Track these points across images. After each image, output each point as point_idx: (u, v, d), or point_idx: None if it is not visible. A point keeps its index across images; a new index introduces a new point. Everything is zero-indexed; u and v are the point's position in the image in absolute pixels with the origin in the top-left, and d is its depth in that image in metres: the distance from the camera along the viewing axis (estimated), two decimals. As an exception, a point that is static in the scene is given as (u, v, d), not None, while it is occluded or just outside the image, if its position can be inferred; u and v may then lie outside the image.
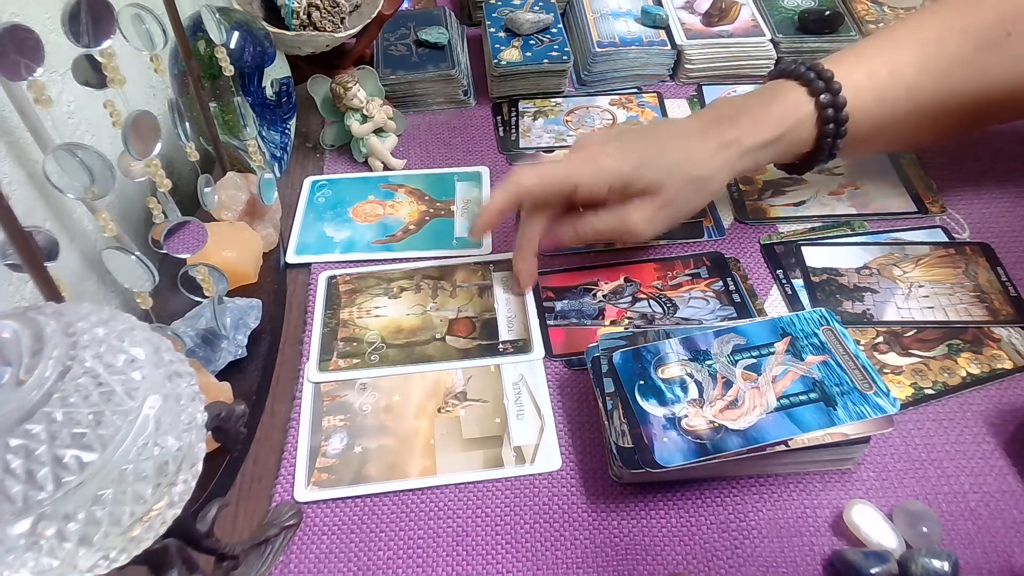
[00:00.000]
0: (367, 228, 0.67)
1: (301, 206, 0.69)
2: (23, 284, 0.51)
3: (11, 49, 0.37)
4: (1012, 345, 0.55)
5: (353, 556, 0.47)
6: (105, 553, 0.28)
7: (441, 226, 0.67)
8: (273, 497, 0.50)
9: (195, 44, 0.62)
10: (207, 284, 0.52)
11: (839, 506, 0.48)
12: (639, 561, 0.46)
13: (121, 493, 0.28)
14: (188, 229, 0.50)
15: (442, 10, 0.86)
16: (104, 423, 0.27)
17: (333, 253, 0.65)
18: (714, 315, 0.58)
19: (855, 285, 0.60)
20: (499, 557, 0.47)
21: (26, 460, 0.26)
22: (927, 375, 0.54)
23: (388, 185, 0.71)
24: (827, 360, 0.49)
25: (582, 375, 0.55)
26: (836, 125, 0.55)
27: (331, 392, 0.55)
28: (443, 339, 0.58)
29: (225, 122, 0.65)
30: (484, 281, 0.62)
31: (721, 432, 0.46)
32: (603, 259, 0.64)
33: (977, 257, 0.61)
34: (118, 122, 0.46)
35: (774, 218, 0.66)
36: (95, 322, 0.29)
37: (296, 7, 0.73)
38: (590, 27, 0.81)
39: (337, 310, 0.60)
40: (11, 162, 0.51)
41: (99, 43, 0.43)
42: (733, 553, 0.46)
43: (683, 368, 0.49)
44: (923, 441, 0.51)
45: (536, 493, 0.49)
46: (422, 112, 0.79)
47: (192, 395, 0.32)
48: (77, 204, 0.57)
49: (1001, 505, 0.48)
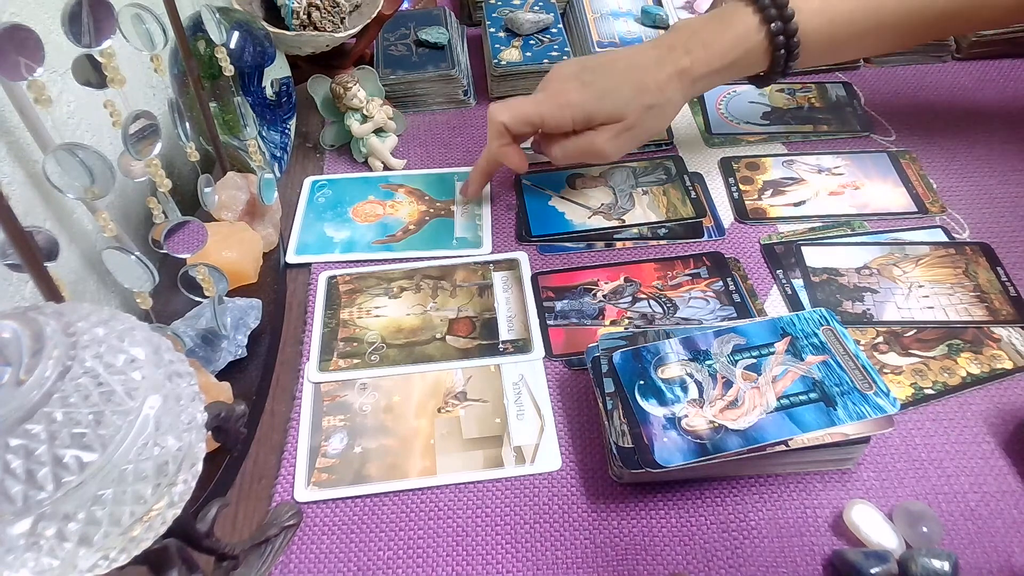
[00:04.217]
0: (367, 228, 0.67)
1: (301, 206, 0.69)
2: (23, 284, 0.51)
3: (11, 49, 0.37)
4: (1012, 345, 0.55)
5: (353, 556, 0.47)
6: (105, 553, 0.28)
7: (441, 226, 0.67)
8: (273, 497, 0.50)
9: (195, 44, 0.62)
10: (207, 284, 0.52)
11: (839, 506, 0.48)
12: (639, 561, 0.46)
13: (121, 493, 0.28)
14: (188, 229, 0.50)
15: (442, 10, 0.86)
16: (104, 423, 0.27)
17: (333, 253, 0.65)
18: (714, 315, 0.58)
19: (855, 285, 0.60)
20: (499, 557, 0.47)
21: (26, 460, 0.26)
22: (927, 375, 0.54)
23: (388, 185, 0.71)
24: (827, 360, 0.49)
25: (582, 375, 0.55)
26: (787, 51, 0.59)
27: (331, 392, 0.55)
28: (443, 339, 0.58)
29: (225, 122, 0.65)
30: (484, 281, 0.62)
31: (721, 432, 0.46)
32: (603, 259, 0.64)
33: (977, 257, 0.61)
34: (118, 122, 0.46)
35: (774, 218, 0.66)
36: (95, 322, 0.29)
37: (296, 7, 0.73)
38: (590, 27, 0.81)
39: (337, 310, 0.60)
40: (11, 162, 0.51)
41: (99, 43, 0.43)
42: (733, 553, 0.46)
43: (683, 368, 0.49)
44: (923, 441, 0.51)
45: (536, 493, 0.49)
46: (422, 112, 0.79)
47: (192, 395, 0.32)
48: (77, 204, 0.57)
49: (1001, 505, 0.48)
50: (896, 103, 0.77)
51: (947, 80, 0.79)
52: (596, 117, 0.59)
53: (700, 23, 0.61)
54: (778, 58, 0.59)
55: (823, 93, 0.78)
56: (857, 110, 0.76)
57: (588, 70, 0.61)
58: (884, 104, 0.77)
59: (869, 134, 0.74)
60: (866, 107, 0.77)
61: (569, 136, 0.61)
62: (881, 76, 0.80)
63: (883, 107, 0.77)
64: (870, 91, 0.78)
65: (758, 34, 0.58)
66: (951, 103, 0.77)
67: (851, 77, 0.80)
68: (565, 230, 0.66)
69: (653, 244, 0.65)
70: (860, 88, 0.79)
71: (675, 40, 0.60)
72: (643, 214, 0.67)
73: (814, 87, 0.79)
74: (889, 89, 0.79)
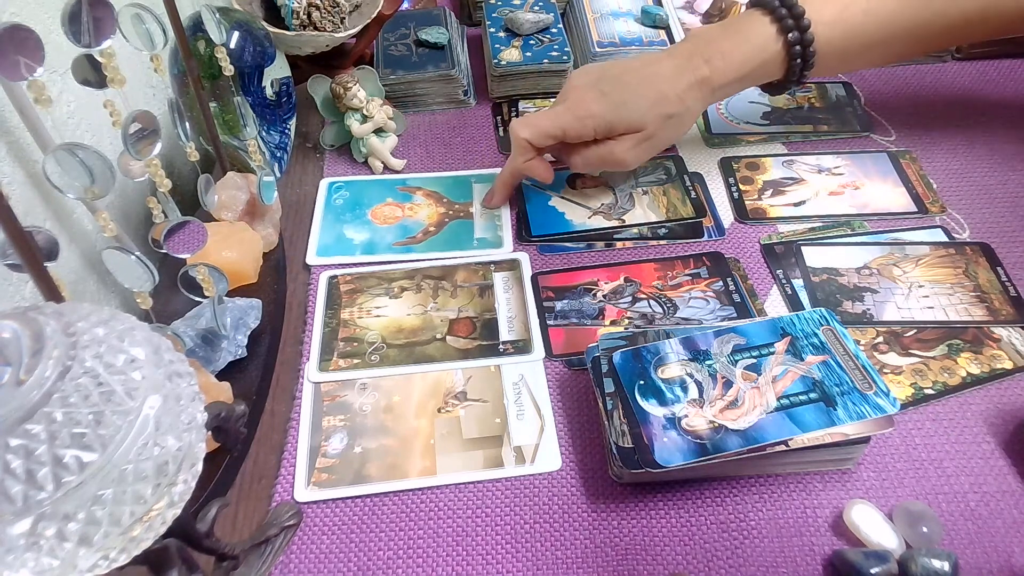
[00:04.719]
0: (387, 230, 0.67)
1: (319, 208, 0.69)
2: (23, 284, 0.51)
3: (11, 49, 0.37)
4: (1012, 345, 0.55)
5: (353, 556, 0.47)
6: (105, 553, 0.28)
7: (461, 227, 0.67)
8: (273, 497, 0.50)
9: (195, 44, 0.62)
10: (207, 284, 0.52)
11: (839, 506, 0.48)
12: (639, 561, 0.46)
13: (121, 493, 0.28)
14: (188, 229, 0.50)
15: (442, 10, 0.86)
16: (104, 423, 0.27)
17: (354, 255, 0.65)
18: (714, 315, 0.58)
19: (855, 285, 0.60)
20: (499, 557, 0.47)
21: (26, 460, 0.26)
22: (927, 375, 0.54)
23: (406, 187, 0.71)
24: (827, 360, 0.49)
25: (582, 375, 0.55)
26: (803, 60, 0.59)
27: (331, 392, 0.55)
28: (443, 339, 0.58)
29: (225, 122, 0.65)
30: (485, 281, 0.62)
31: (721, 432, 0.46)
32: (603, 259, 0.64)
33: (977, 257, 0.61)
34: (118, 122, 0.46)
35: (774, 218, 0.66)
36: (95, 322, 0.29)
37: (296, 7, 0.73)
38: (590, 27, 0.81)
39: (338, 310, 0.60)
40: (11, 162, 0.51)
41: (99, 43, 0.43)
42: (733, 553, 0.46)
43: (683, 368, 0.49)
44: (923, 441, 0.51)
45: (536, 493, 0.49)
46: (422, 112, 0.79)
47: (192, 395, 0.32)
48: (77, 204, 0.57)
49: (1001, 505, 0.48)
50: (896, 103, 0.77)
51: (947, 80, 0.79)
52: (616, 127, 0.60)
53: (717, 32, 0.61)
54: (794, 67, 0.60)
55: (823, 93, 0.78)
56: (857, 110, 0.76)
57: (607, 79, 0.61)
58: (884, 104, 0.77)
59: (869, 134, 0.74)
60: (866, 107, 0.77)
61: (589, 145, 0.62)
62: (881, 76, 0.80)
63: (883, 107, 0.77)
64: (870, 91, 0.78)
65: (775, 44, 0.59)
66: (951, 103, 0.77)
67: (851, 77, 0.80)
68: (565, 230, 0.66)
69: (653, 244, 0.65)
70: (860, 88, 0.79)
71: (693, 49, 0.60)
72: (643, 214, 0.67)
73: (814, 87, 0.79)
74: (889, 89, 0.79)
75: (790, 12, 0.58)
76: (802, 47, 0.58)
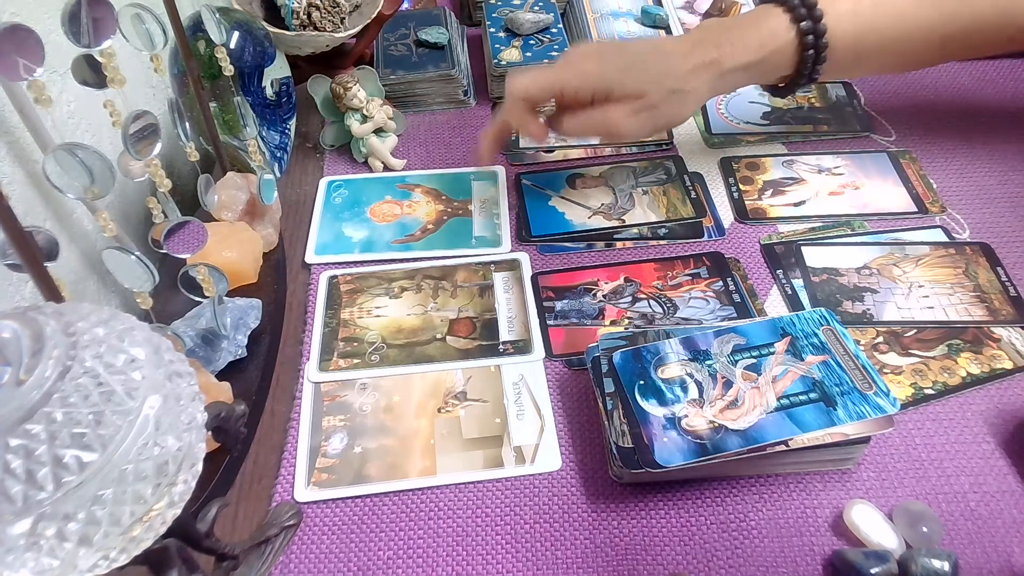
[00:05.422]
0: (385, 228, 0.67)
1: (318, 206, 0.69)
2: (23, 284, 0.51)
3: (11, 49, 0.37)
4: (1012, 345, 0.55)
5: (353, 556, 0.47)
6: (105, 553, 0.28)
7: (460, 225, 0.67)
8: (273, 497, 0.50)
9: (195, 44, 0.62)
10: (207, 284, 0.52)
11: (839, 506, 0.48)
12: (639, 561, 0.46)
13: (121, 493, 0.28)
14: (188, 229, 0.50)
15: (442, 10, 0.86)
16: (104, 423, 0.27)
17: (352, 253, 0.65)
18: (714, 315, 0.58)
19: (855, 285, 0.60)
20: (499, 557, 0.47)
21: (26, 460, 0.26)
22: (927, 375, 0.54)
23: (404, 185, 0.71)
24: (827, 360, 0.49)
25: (582, 375, 0.55)
26: (816, 52, 0.58)
27: (331, 392, 0.55)
28: (443, 339, 0.58)
29: (225, 122, 0.65)
30: (485, 281, 0.62)
31: (721, 432, 0.46)
32: (603, 259, 0.64)
33: (977, 257, 0.61)
34: (118, 122, 0.46)
35: (774, 218, 0.66)
36: (95, 322, 0.29)
37: (296, 7, 0.73)
38: (590, 27, 0.81)
39: (338, 310, 0.60)
40: (11, 162, 0.51)
41: (99, 43, 0.43)
42: (733, 553, 0.46)
43: (683, 368, 0.49)
44: (923, 441, 0.51)
45: (536, 493, 0.49)
46: (422, 112, 0.79)
47: (192, 395, 0.32)
48: (77, 204, 0.57)
49: (1001, 505, 0.48)
50: (896, 103, 0.77)
51: (947, 80, 0.79)
52: (617, 90, 0.57)
53: (729, 22, 0.61)
54: (806, 59, 0.59)
55: (823, 93, 0.78)
56: (857, 110, 0.76)
57: (611, 49, 0.61)
58: (884, 104, 0.77)
59: (869, 134, 0.74)
60: (866, 107, 0.77)
61: (586, 109, 0.59)
62: (881, 76, 0.80)
63: (883, 107, 0.77)
64: (870, 91, 0.78)
65: (788, 33, 0.58)
66: (951, 103, 0.77)
67: (851, 77, 0.80)
68: (565, 230, 0.66)
69: (653, 244, 0.65)
70: (860, 88, 0.79)
71: (704, 36, 0.60)
72: (643, 214, 0.67)
73: (814, 87, 0.79)
74: (889, 89, 0.79)
75: (803, 2, 0.58)
76: (815, 37, 0.58)
